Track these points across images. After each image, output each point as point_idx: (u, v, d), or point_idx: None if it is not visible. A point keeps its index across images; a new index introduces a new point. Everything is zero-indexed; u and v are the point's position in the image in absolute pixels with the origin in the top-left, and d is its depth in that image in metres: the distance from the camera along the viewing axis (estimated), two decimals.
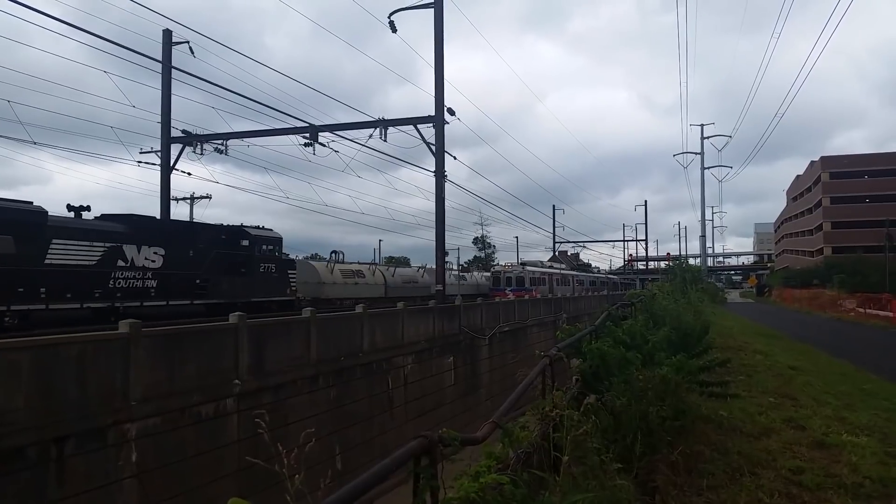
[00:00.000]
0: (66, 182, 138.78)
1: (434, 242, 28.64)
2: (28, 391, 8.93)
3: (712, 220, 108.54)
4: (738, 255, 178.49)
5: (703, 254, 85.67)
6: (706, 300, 41.75)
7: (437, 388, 21.84)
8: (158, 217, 28.75)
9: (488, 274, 56.60)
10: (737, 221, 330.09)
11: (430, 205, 28.96)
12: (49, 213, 18.03)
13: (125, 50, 15.99)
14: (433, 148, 27.57)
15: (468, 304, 27.10)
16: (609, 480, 5.47)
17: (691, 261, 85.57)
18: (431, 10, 27.33)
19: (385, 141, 28.06)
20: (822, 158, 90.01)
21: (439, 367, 22.21)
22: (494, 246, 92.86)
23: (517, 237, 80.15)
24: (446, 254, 31.30)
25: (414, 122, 28.10)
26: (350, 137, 28.52)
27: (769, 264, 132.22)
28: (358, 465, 15.29)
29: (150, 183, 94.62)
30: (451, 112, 27.91)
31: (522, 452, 4.74)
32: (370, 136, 28.06)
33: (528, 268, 54.42)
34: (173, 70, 27.66)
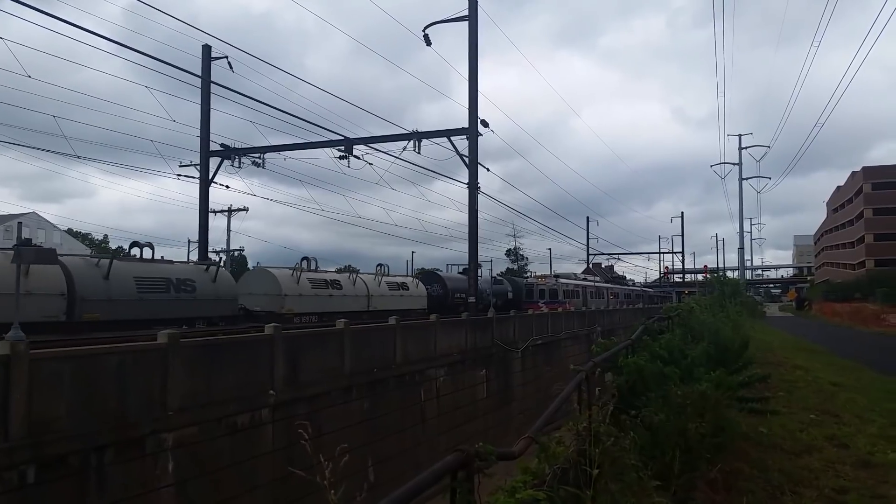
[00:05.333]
0: (110, 195, 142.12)
1: (467, 254, 28.68)
2: (69, 400, 9.10)
3: (751, 232, 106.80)
4: (776, 267, 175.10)
5: (742, 266, 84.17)
6: (745, 314, 41.00)
7: (470, 401, 21.73)
8: None
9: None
10: (775, 233, 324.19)
11: (464, 217, 28.99)
12: None
13: (167, 66, 16.37)
14: (467, 160, 27.64)
15: (501, 316, 26.98)
16: (647, 498, 5.39)
17: (729, 273, 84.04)
18: (465, 26, 27.51)
19: (419, 153, 28.27)
20: (864, 169, 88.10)
21: (472, 380, 22.12)
22: (527, 258, 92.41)
23: (550, 249, 79.72)
24: (480, 266, 31.26)
25: (448, 134, 28.24)
26: (384, 150, 28.80)
27: (809, 277, 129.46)
28: (390, 477, 15.27)
29: (189, 196, 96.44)
30: (485, 124, 28.00)
31: (559, 468, 4.68)
32: (404, 148, 28.29)
33: (562, 280, 53.97)
34: (212, 85, 28.19)
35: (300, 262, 29.14)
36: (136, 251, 21.04)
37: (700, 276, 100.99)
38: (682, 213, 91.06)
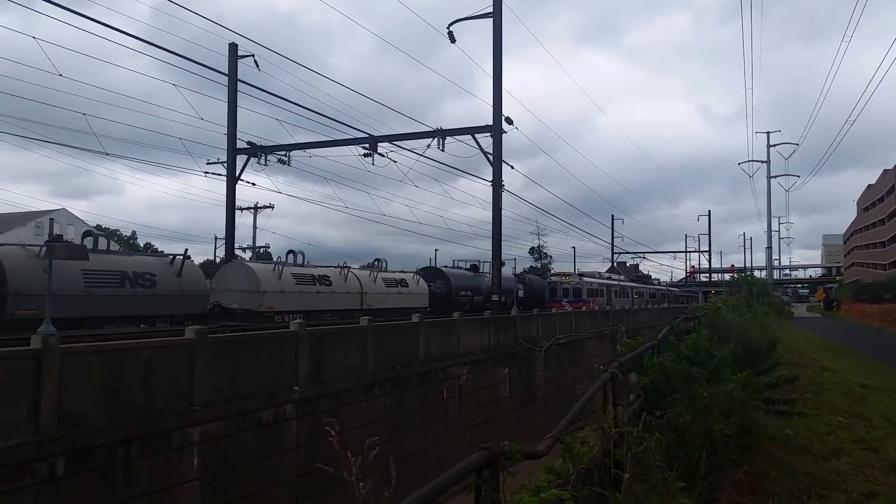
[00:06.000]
0: (138, 192, 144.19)
1: (491, 252, 28.66)
2: (97, 394, 9.25)
3: (779, 231, 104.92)
4: (805, 267, 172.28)
5: (770, 266, 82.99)
6: (772, 314, 40.50)
7: (492, 400, 21.72)
8: None
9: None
10: (803, 233, 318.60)
11: (487, 214, 28.97)
12: None
13: (194, 64, 16.56)
14: (490, 157, 27.59)
15: (524, 314, 26.92)
16: (672, 499, 5.35)
17: (757, 273, 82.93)
18: (489, 23, 27.44)
19: (443, 151, 28.27)
20: None
21: (494, 378, 22.09)
22: (551, 256, 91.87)
23: (574, 247, 78.98)
24: (503, 264, 31.18)
25: (472, 131, 28.22)
26: (408, 147, 28.89)
27: (838, 277, 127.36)
28: (412, 474, 15.29)
29: (216, 193, 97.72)
30: (509, 121, 27.92)
31: (583, 468, 4.66)
32: (428, 145, 28.31)
33: (586, 279, 53.70)
34: (239, 83, 28.44)
35: (285, 256, 27.45)
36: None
37: (727, 276, 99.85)
38: (709, 211, 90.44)
